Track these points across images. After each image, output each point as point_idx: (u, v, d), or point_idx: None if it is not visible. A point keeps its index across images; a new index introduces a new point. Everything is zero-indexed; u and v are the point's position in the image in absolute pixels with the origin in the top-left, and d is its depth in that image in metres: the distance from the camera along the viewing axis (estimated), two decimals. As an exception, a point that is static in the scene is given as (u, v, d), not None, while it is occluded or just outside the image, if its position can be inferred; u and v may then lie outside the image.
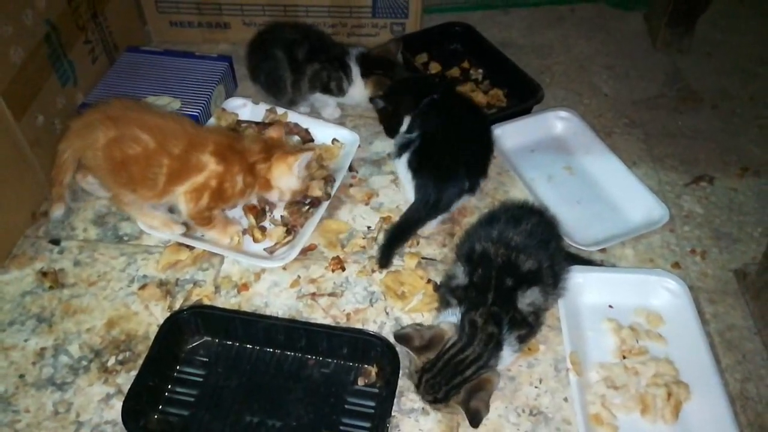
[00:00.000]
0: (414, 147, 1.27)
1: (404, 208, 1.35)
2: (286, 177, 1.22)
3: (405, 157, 1.28)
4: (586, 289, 1.17)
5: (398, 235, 1.25)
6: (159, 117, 1.20)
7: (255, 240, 1.27)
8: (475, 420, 0.92)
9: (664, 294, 1.17)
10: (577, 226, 1.30)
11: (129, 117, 1.17)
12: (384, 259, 1.22)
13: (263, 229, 1.28)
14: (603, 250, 1.28)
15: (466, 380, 0.95)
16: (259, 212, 1.30)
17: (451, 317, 1.01)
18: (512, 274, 1.02)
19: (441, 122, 1.29)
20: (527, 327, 1.03)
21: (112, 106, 1.19)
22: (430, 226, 1.31)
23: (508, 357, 1.02)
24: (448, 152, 1.26)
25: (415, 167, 1.26)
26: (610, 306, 1.18)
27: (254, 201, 1.31)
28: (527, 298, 1.02)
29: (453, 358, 0.96)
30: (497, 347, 0.98)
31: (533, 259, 1.04)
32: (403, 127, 1.39)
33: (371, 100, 1.47)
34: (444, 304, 1.07)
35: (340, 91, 1.50)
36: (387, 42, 1.55)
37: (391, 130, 1.44)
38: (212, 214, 1.21)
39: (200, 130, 1.23)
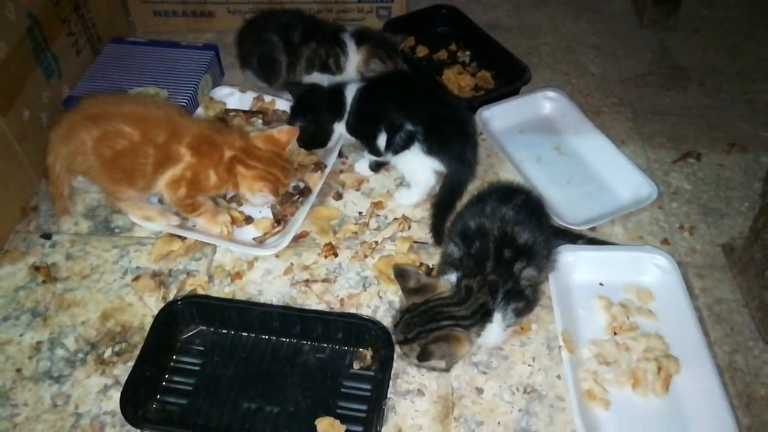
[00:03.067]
0: (420, 136, 1.23)
1: (394, 192, 1.36)
2: (249, 195, 1.22)
3: (417, 149, 1.24)
4: (577, 267, 1.19)
5: (447, 207, 1.24)
6: (140, 106, 1.18)
7: (234, 221, 1.26)
8: (422, 356, 0.95)
9: (653, 270, 1.18)
10: (567, 205, 1.31)
11: (108, 112, 1.15)
12: (438, 236, 1.23)
13: (241, 213, 1.29)
14: (593, 229, 1.29)
15: (439, 329, 0.97)
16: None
17: (452, 277, 1.03)
18: (509, 245, 1.04)
19: (422, 98, 1.27)
20: (525, 300, 1.04)
21: (88, 105, 1.17)
22: (419, 208, 1.32)
23: (500, 332, 1.02)
24: (451, 118, 1.25)
25: (437, 149, 1.23)
26: (601, 284, 1.19)
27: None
28: (525, 272, 1.04)
29: (437, 307, 0.99)
30: (485, 317, 0.99)
31: (527, 232, 1.05)
32: (335, 136, 1.36)
33: (289, 121, 1.36)
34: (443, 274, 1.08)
35: (338, 69, 1.50)
36: (395, 35, 1.54)
37: (321, 143, 1.38)
38: (195, 202, 1.21)
39: (185, 119, 1.19)
